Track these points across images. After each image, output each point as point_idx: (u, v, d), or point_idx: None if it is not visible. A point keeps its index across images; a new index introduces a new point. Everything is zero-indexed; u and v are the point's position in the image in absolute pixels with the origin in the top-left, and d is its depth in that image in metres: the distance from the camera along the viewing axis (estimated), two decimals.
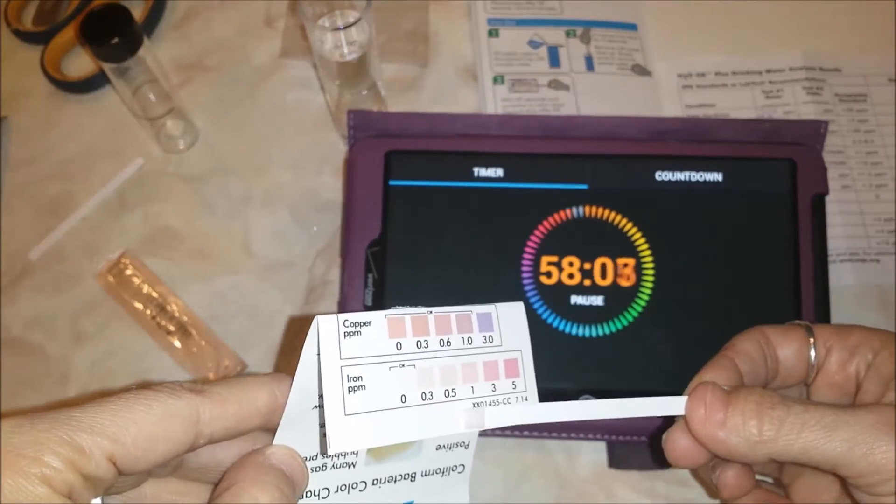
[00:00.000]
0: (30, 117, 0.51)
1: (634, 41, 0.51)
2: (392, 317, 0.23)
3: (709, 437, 0.24)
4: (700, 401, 0.25)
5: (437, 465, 0.26)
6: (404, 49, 0.51)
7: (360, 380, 0.22)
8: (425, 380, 0.23)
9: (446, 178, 0.41)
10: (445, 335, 0.24)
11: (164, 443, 0.20)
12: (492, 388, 0.25)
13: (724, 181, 0.41)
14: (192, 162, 0.49)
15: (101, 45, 0.42)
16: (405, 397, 0.23)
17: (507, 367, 0.25)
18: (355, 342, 0.22)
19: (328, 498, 0.24)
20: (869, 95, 0.50)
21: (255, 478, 0.20)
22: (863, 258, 0.45)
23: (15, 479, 0.17)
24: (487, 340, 0.25)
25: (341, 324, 0.22)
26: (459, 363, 0.24)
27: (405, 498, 0.26)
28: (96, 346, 0.45)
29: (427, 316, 0.24)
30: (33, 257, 0.47)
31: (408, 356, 0.23)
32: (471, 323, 0.25)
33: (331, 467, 0.24)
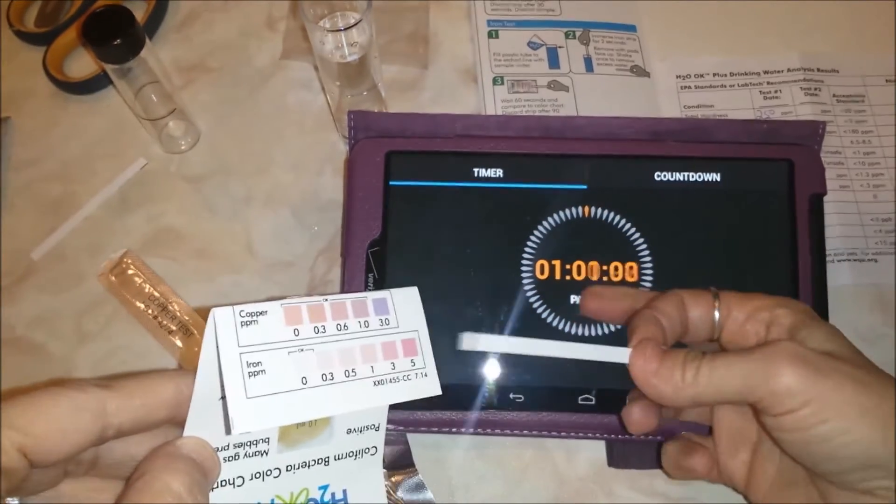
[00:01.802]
0: (32, 118, 0.51)
1: (633, 42, 0.51)
2: (288, 305, 0.24)
3: (644, 381, 0.30)
4: (641, 353, 0.30)
5: (350, 449, 0.27)
6: (405, 50, 0.52)
7: (259, 365, 0.23)
8: (324, 362, 0.24)
9: (446, 178, 0.41)
10: (342, 320, 0.25)
11: (73, 434, 0.21)
12: (391, 366, 0.26)
13: (722, 181, 0.41)
14: (193, 162, 0.49)
15: (103, 46, 0.42)
16: (305, 379, 0.24)
17: (405, 346, 0.27)
18: (252, 330, 0.23)
19: (243, 486, 0.25)
20: (867, 96, 0.50)
21: (166, 465, 0.21)
22: (860, 258, 0.45)
23: None
24: (384, 323, 0.26)
25: (237, 314, 0.23)
26: (358, 345, 0.25)
27: (320, 481, 0.27)
28: (99, 346, 0.45)
29: (323, 303, 0.25)
30: (36, 257, 0.47)
31: (306, 341, 0.24)
32: (367, 307, 0.26)
33: (243, 456, 0.25)
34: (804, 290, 0.40)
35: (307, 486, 0.26)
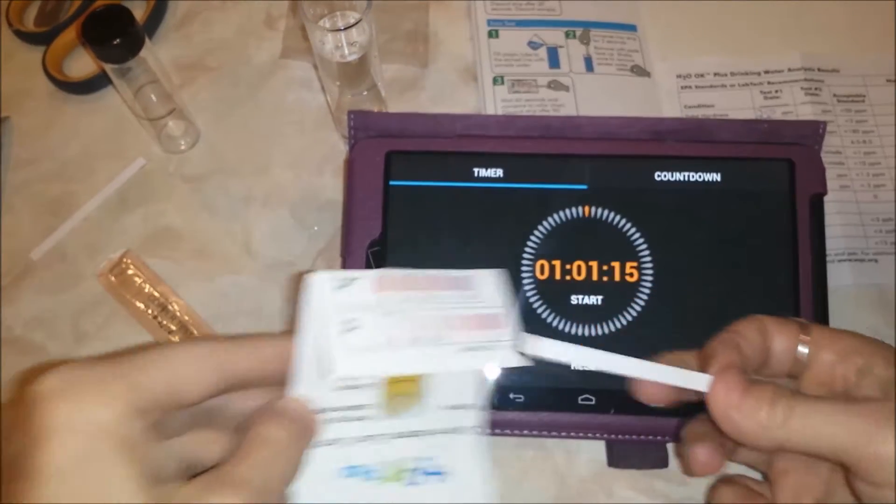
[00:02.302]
0: (31, 118, 0.51)
1: (633, 42, 0.51)
2: (378, 274, 0.26)
3: (723, 415, 0.26)
4: (723, 382, 0.26)
5: (445, 425, 0.27)
6: (404, 50, 0.52)
7: (352, 322, 0.24)
8: (412, 326, 0.25)
9: (446, 178, 0.41)
10: (430, 291, 0.27)
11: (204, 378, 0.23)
12: (476, 336, 0.26)
13: (722, 181, 0.41)
14: (193, 162, 0.49)
15: (102, 46, 0.42)
16: (395, 339, 0.25)
17: (490, 320, 0.27)
18: (346, 292, 0.25)
19: (351, 446, 0.26)
20: (867, 96, 0.50)
21: (269, 417, 0.24)
22: (861, 258, 0.45)
23: (83, 403, 0.20)
24: (468, 298, 0.27)
25: (331, 278, 0.25)
26: (443, 314, 0.26)
27: (422, 453, 0.27)
28: (98, 346, 0.45)
29: (412, 275, 0.27)
30: (35, 257, 0.47)
31: (395, 305, 0.26)
32: (454, 283, 0.27)
33: (348, 419, 0.26)
34: (804, 291, 0.40)
35: (409, 456, 0.27)
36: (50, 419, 0.20)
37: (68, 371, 0.21)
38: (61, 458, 0.20)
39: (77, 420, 0.20)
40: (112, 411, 0.21)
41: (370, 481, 0.26)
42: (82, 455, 0.20)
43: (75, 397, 0.21)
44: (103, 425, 0.20)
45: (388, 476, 0.26)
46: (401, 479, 0.27)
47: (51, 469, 0.19)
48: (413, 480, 0.27)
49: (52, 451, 0.20)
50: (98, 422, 0.20)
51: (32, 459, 0.20)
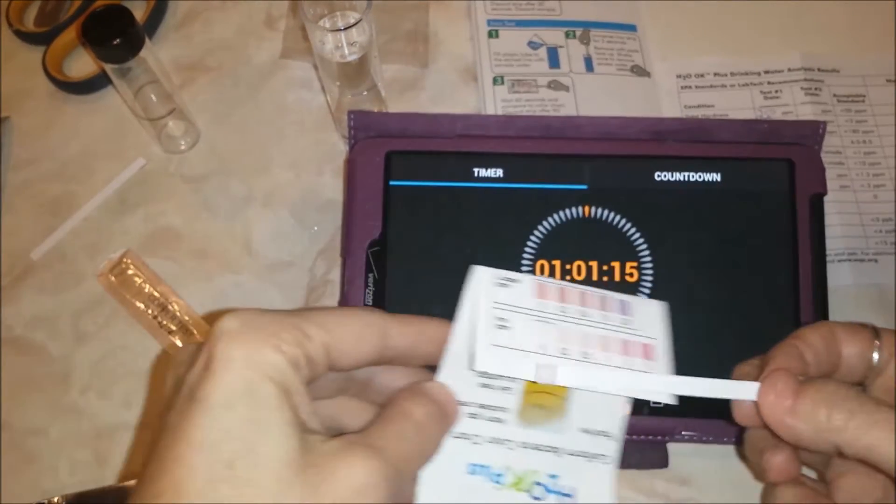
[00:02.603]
0: (31, 118, 0.51)
1: (633, 42, 0.51)
2: (539, 281, 0.27)
3: (777, 421, 0.26)
4: (771, 387, 0.26)
5: (583, 448, 0.27)
6: (404, 50, 0.52)
7: (505, 321, 0.25)
8: (564, 338, 0.26)
9: (446, 178, 0.41)
10: (586, 308, 0.27)
11: (363, 344, 0.24)
12: (626, 362, 0.26)
13: (722, 181, 0.41)
14: (193, 162, 0.49)
15: (102, 46, 0.42)
16: (544, 347, 0.25)
17: (644, 349, 0.27)
18: (505, 292, 0.26)
19: (480, 445, 0.26)
20: (867, 96, 0.50)
21: (412, 397, 0.25)
22: (861, 258, 0.45)
23: (259, 344, 0.22)
24: (625, 323, 0.27)
25: (495, 275, 0.26)
26: (597, 333, 0.26)
27: (551, 470, 0.27)
28: (98, 346, 0.45)
29: (571, 289, 0.27)
30: (35, 257, 0.47)
31: (550, 315, 0.26)
32: (612, 304, 0.27)
33: (483, 418, 0.26)
34: (804, 291, 0.40)
35: (537, 469, 0.27)
36: (225, 354, 0.22)
37: (249, 315, 0.23)
38: (229, 390, 0.21)
39: (249, 359, 0.22)
40: (280, 358, 0.22)
41: (493, 483, 0.26)
42: (248, 391, 0.21)
43: (250, 339, 0.22)
44: (270, 368, 0.22)
45: (512, 483, 0.26)
46: (525, 490, 0.26)
47: (218, 397, 0.21)
48: (537, 495, 0.26)
49: (223, 381, 0.21)
50: (266, 364, 0.22)
51: (204, 386, 0.21)
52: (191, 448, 0.21)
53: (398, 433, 0.23)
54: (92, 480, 0.41)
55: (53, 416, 0.43)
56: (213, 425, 0.21)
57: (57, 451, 0.42)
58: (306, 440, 0.22)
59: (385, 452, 0.22)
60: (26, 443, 0.43)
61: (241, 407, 0.21)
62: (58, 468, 0.42)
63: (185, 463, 0.21)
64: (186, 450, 0.21)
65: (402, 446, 0.23)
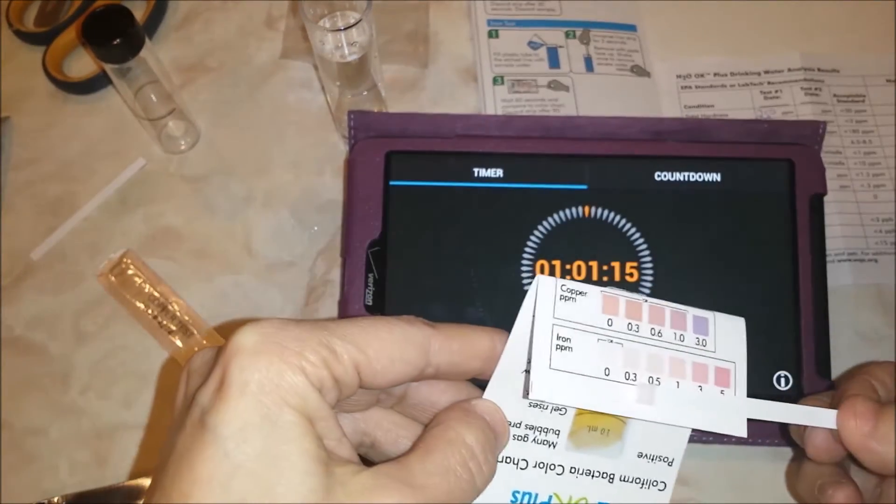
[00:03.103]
0: (32, 118, 0.51)
1: (633, 42, 0.51)
2: (607, 294, 0.24)
3: (861, 446, 0.25)
4: (850, 411, 0.25)
5: (637, 475, 0.25)
6: (405, 50, 0.52)
7: (568, 341, 0.23)
8: (631, 360, 0.23)
9: (446, 178, 0.41)
10: (658, 325, 0.24)
11: (400, 363, 0.22)
12: (698, 389, 0.24)
13: (722, 181, 0.41)
14: (193, 162, 0.49)
15: (102, 46, 0.42)
16: (608, 371, 0.23)
17: (718, 374, 0.24)
18: (569, 306, 0.23)
19: (526, 470, 0.24)
20: (867, 96, 0.50)
21: (462, 419, 0.22)
22: (861, 258, 0.45)
23: (279, 365, 0.20)
24: (700, 343, 0.25)
25: (559, 287, 0.23)
26: (668, 355, 0.24)
27: (601, 497, 0.25)
28: (98, 346, 0.45)
29: (642, 303, 0.24)
30: (35, 257, 0.47)
31: (617, 334, 0.23)
32: (685, 322, 0.25)
33: (531, 440, 0.24)
34: (804, 291, 0.40)
35: (587, 496, 0.25)
36: (240, 377, 0.20)
37: (269, 328, 0.21)
38: (243, 419, 0.19)
39: (267, 383, 0.19)
40: (303, 380, 0.20)
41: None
42: (265, 420, 0.19)
43: (269, 359, 0.20)
44: (291, 394, 0.20)
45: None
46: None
47: (230, 427, 0.19)
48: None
49: (236, 409, 0.19)
50: (287, 389, 0.20)
51: (215, 412, 0.19)
52: (198, 485, 0.19)
53: (444, 467, 0.21)
54: (91, 481, 0.41)
55: (53, 416, 0.43)
56: (223, 460, 0.19)
57: (57, 451, 0.42)
58: (333, 475, 0.19)
59: (425, 492, 0.20)
60: (26, 443, 0.43)
61: (257, 439, 0.19)
62: (58, 468, 0.42)
63: (191, 501, 0.19)
64: (192, 487, 0.19)
65: (446, 483, 0.21)
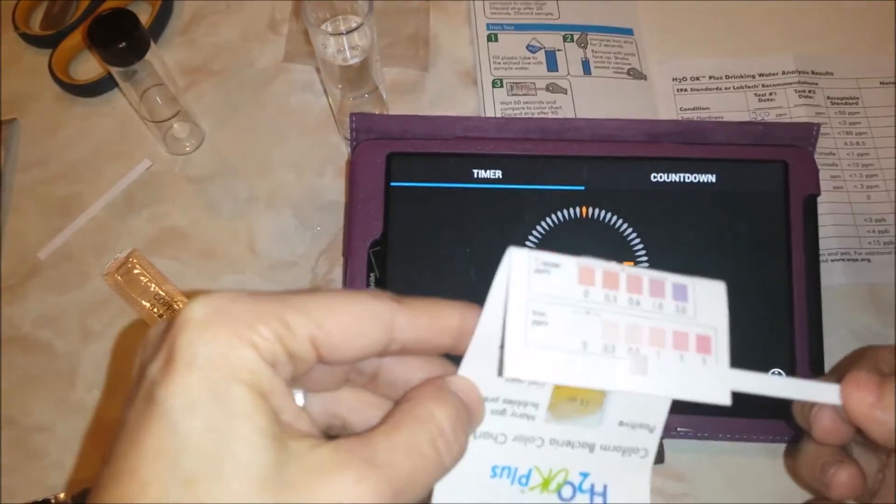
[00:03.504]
0: (38, 120, 0.52)
1: (630, 45, 0.52)
2: (583, 265, 0.23)
3: (867, 417, 0.24)
4: (854, 383, 0.25)
5: (619, 443, 0.24)
6: (405, 53, 0.52)
7: (543, 315, 0.22)
8: (609, 332, 0.22)
9: (446, 179, 0.42)
10: (636, 295, 0.23)
11: (362, 338, 0.21)
12: (679, 357, 0.23)
13: (717, 182, 0.42)
14: (197, 163, 0.50)
15: (108, 49, 0.42)
16: (586, 344, 0.22)
17: (699, 342, 0.23)
18: (543, 279, 0.22)
19: (505, 444, 0.24)
20: (860, 98, 0.50)
21: (434, 396, 0.21)
22: (854, 257, 0.46)
23: (229, 338, 0.19)
24: (679, 310, 0.24)
25: (533, 259, 0.22)
26: (647, 325, 0.23)
27: (582, 468, 0.24)
28: (104, 345, 0.45)
29: (619, 272, 0.23)
30: (42, 257, 0.48)
31: (594, 305, 0.22)
32: (664, 289, 0.24)
33: (510, 414, 0.23)
34: (798, 290, 0.40)
35: (567, 468, 0.24)
36: (187, 349, 0.19)
37: (220, 300, 0.20)
38: (190, 393, 0.18)
39: (215, 357, 0.19)
40: (253, 355, 0.19)
41: (518, 486, 0.24)
42: (213, 394, 0.18)
43: (219, 331, 0.19)
44: (241, 368, 0.19)
45: (539, 485, 0.24)
46: (553, 491, 0.24)
47: (177, 401, 0.18)
48: (566, 496, 0.24)
49: (183, 383, 0.18)
50: (237, 363, 0.19)
51: (162, 386, 0.18)
52: (145, 460, 0.18)
53: (410, 444, 0.20)
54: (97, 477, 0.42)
55: (59, 413, 0.44)
56: (171, 435, 0.18)
57: (62, 448, 0.43)
58: (287, 451, 0.18)
59: (387, 471, 0.19)
60: (32, 439, 0.43)
61: (205, 414, 0.18)
62: (63, 465, 0.42)
63: (138, 477, 0.18)
64: (140, 461, 0.18)
65: (411, 462, 0.20)
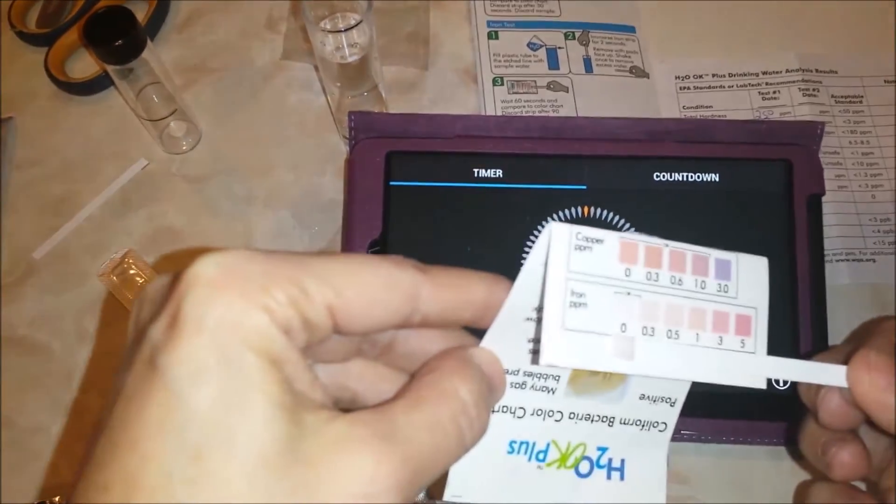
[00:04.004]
0: (34, 118, 0.52)
1: (632, 43, 0.52)
2: (625, 240, 0.22)
3: (875, 402, 0.23)
4: (863, 363, 0.23)
5: (639, 416, 0.24)
6: (405, 51, 0.52)
7: (583, 297, 0.21)
8: (649, 313, 0.21)
9: (446, 178, 0.42)
10: (678, 273, 0.22)
11: (382, 309, 0.19)
12: (718, 340, 0.22)
13: (721, 181, 0.41)
14: (194, 163, 0.50)
15: (104, 47, 0.42)
16: (625, 326, 0.21)
17: (739, 322, 0.23)
18: (585, 257, 0.21)
19: (523, 418, 0.23)
20: (865, 97, 0.50)
21: (457, 369, 0.20)
22: (858, 258, 0.46)
23: (241, 301, 0.17)
24: (722, 289, 0.23)
25: (574, 235, 0.21)
26: (688, 305, 0.22)
27: (600, 442, 0.24)
28: (100, 345, 0.45)
29: (662, 248, 0.22)
30: (37, 256, 0.47)
31: (635, 285, 0.22)
32: (707, 267, 0.23)
33: (530, 387, 0.23)
34: (802, 290, 0.40)
35: (585, 442, 0.23)
36: (195, 312, 0.17)
37: (232, 259, 0.18)
38: (198, 360, 0.17)
39: (226, 321, 0.17)
40: (266, 320, 0.17)
41: (536, 463, 0.23)
42: (223, 362, 0.17)
43: (230, 293, 0.17)
44: (254, 334, 0.17)
45: (557, 460, 0.23)
46: (570, 467, 0.23)
47: (183, 369, 0.17)
48: (583, 472, 0.24)
49: (190, 348, 0.17)
50: (249, 328, 0.17)
51: (167, 351, 0.17)
52: (147, 432, 0.17)
53: (432, 420, 0.19)
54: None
55: (55, 414, 0.43)
56: (176, 405, 0.17)
57: (59, 449, 0.43)
58: (301, 424, 0.17)
59: (408, 448, 0.18)
60: (28, 441, 0.43)
61: (213, 383, 0.17)
62: (59, 467, 0.42)
63: (139, 450, 0.16)
64: (141, 433, 0.17)
65: (432, 439, 0.18)
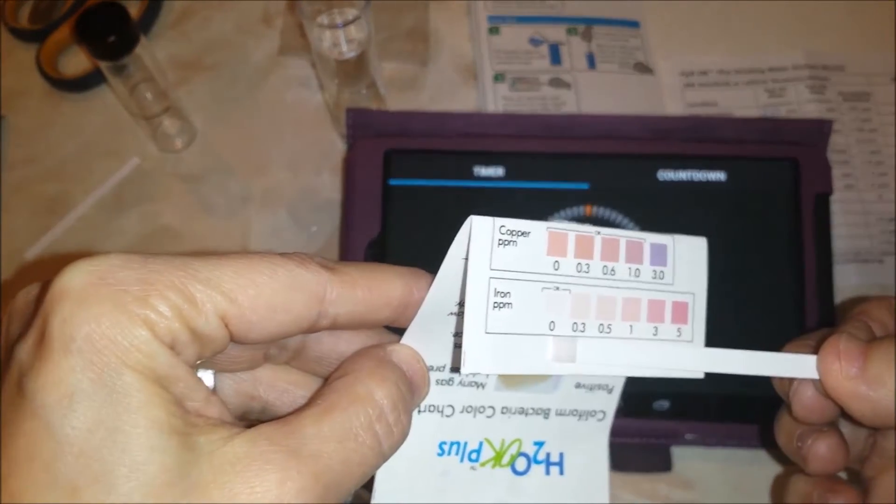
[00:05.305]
0: (26, 116, 0.51)
1: (636, 39, 0.51)
2: (554, 231, 0.20)
3: (848, 393, 0.21)
4: (833, 351, 0.21)
5: (575, 406, 0.23)
6: (404, 47, 0.51)
7: (507, 296, 0.19)
8: (579, 309, 0.20)
9: (446, 177, 0.41)
10: (610, 262, 0.21)
11: (283, 314, 0.17)
12: (653, 330, 0.21)
13: (727, 180, 0.41)
14: (189, 161, 0.49)
15: (96, 43, 0.41)
16: (553, 325, 0.20)
17: (675, 310, 0.22)
18: (509, 252, 0.19)
19: (452, 417, 0.22)
20: (872, 94, 0.49)
21: (373, 370, 0.18)
22: (866, 259, 0.45)
23: (116, 315, 0.15)
24: (657, 276, 0.22)
25: (497, 229, 0.20)
26: (621, 296, 0.21)
27: (536, 436, 0.23)
28: None
29: (594, 237, 0.21)
30: (30, 256, 0.47)
31: (564, 279, 0.20)
32: (642, 253, 0.22)
33: (457, 384, 0.21)
34: (809, 291, 0.39)
35: (520, 437, 0.22)
36: (63, 329, 0.15)
37: (104, 265, 0.16)
38: (69, 384, 0.15)
39: (98, 338, 0.15)
40: (148, 333, 0.16)
41: (468, 464, 0.22)
42: (98, 385, 0.15)
43: (103, 305, 0.15)
44: (132, 350, 0.15)
45: (491, 459, 0.22)
46: (505, 466, 0.22)
47: (52, 394, 0.15)
48: (520, 469, 0.23)
49: (59, 371, 0.15)
50: (126, 345, 0.15)
51: (34, 375, 0.15)
52: (16, 466, 0.15)
53: (344, 430, 0.17)
54: None
55: None
56: (46, 436, 0.15)
57: None
58: (193, 448, 0.15)
59: (317, 463, 0.16)
60: None
61: (87, 410, 0.15)
62: None
63: (8, 488, 0.15)
64: (10, 468, 0.15)
65: (344, 451, 0.17)
